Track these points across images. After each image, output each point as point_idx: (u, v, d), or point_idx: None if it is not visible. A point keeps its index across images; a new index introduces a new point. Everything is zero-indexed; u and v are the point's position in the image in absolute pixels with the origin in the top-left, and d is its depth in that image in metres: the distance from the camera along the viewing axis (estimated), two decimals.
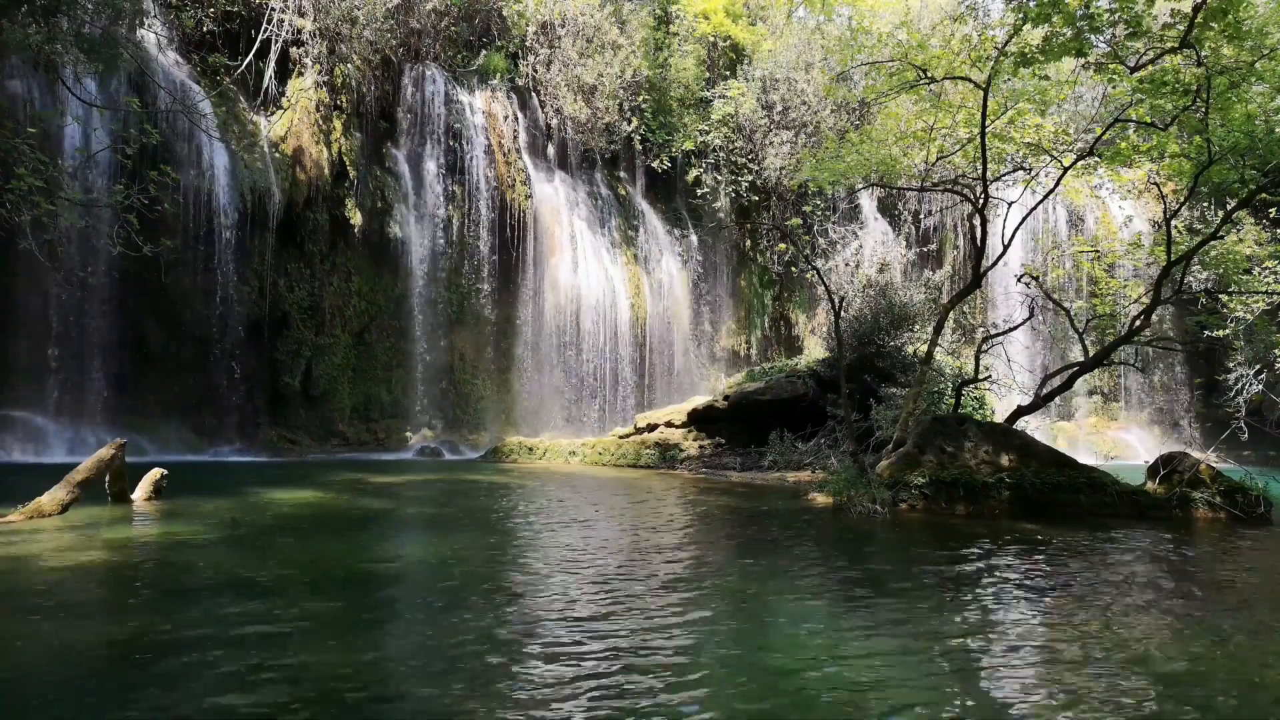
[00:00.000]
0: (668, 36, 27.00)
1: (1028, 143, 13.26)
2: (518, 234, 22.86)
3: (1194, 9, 9.74)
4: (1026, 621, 4.92)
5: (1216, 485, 9.74)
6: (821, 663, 4.00)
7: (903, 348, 17.22)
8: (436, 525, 8.79)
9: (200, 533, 7.34)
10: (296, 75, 20.18)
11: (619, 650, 4.10)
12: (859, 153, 14.51)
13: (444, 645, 4.17)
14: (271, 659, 3.88)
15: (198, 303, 17.84)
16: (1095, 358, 12.52)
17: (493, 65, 23.65)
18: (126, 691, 3.47)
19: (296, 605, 4.92)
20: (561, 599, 5.21)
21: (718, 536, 8.28)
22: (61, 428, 16.21)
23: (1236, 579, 6.44)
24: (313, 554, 6.67)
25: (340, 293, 20.45)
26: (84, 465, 8.35)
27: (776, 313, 28.12)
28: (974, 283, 13.43)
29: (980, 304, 27.16)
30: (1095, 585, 5.89)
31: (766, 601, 5.28)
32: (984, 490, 9.78)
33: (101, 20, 15.09)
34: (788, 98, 26.03)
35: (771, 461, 15.43)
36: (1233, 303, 16.81)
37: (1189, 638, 4.58)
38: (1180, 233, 16.18)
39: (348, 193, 20.60)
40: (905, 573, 6.35)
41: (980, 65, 11.72)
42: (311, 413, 20.00)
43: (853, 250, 21.01)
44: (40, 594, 5.06)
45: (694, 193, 26.83)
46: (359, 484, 12.10)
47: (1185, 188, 12.22)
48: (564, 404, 23.09)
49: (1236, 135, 10.28)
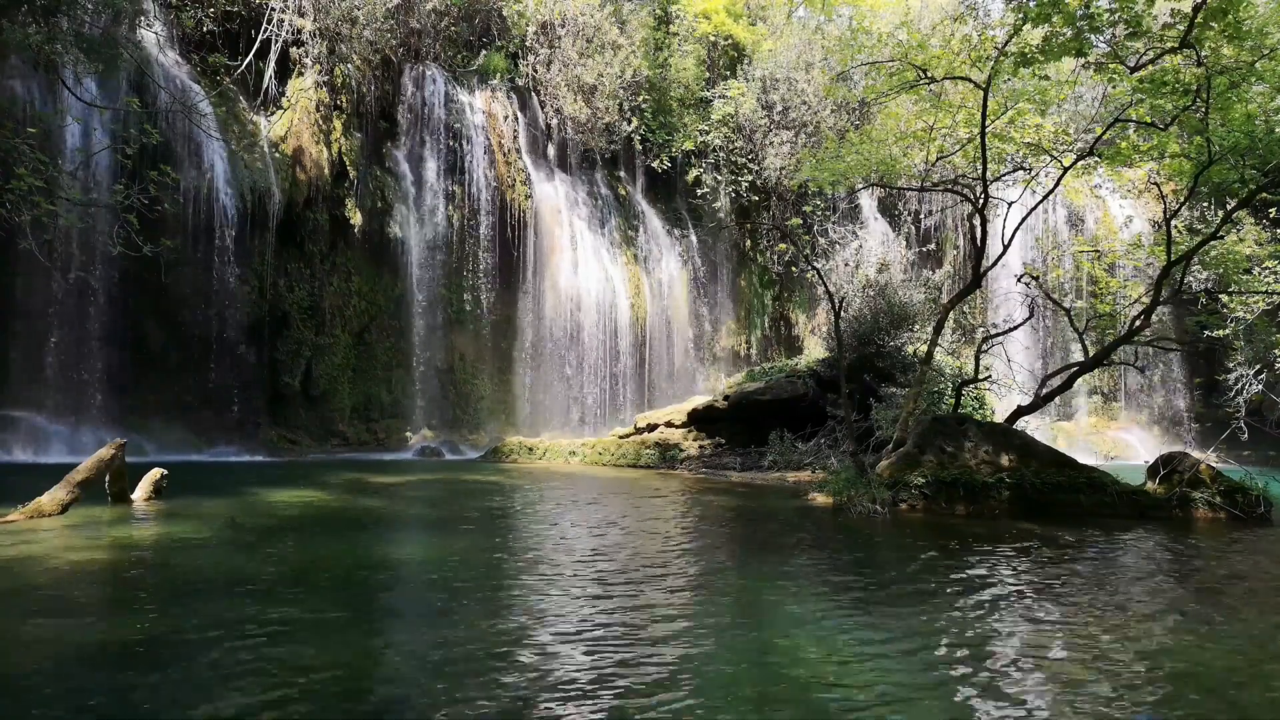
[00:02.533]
0: (668, 36, 26.99)
1: (1028, 143, 13.25)
2: (518, 234, 22.85)
3: (1194, 9, 9.74)
4: (1027, 622, 4.92)
5: (1216, 485, 9.74)
6: (821, 664, 4.00)
7: (903, 348, 17.21)
8: (436, 525, 8.79)
9: (200, 533, 7.34)
10: (296, 75, 20.18)
11: (618, 650, 4.10)
12: (859, 153, 14.50)
13: (444, 645, 4.17)
14: (272, 659, 3.88)
15: (198, 303, 17.83)
16: (1095, 358, 12.52)
17: (493, 65, 23.65)
18: (126, 691, 3.46)
19: (296, 605, 4.91)
20: (561, 598, 5.21)
21: (718, 536, 8.28)
22: (61, 428, 16.20)
23: (1238, 579, 6.43)
24: (313, 554, 6.66)
25: (340, 293, 20.44)
26: (84, 465, 8.35)
27: (776, 313, 28.11)
28: (974, 283, 13.43)
29: (980, 304, 27.15)
30: (1096, 585, 5.89)
31: (766, 602, 5.28)
32: (984, 490, 9.78)
33: (101, 20, 15.09)
34: (788, 98, 26.02)
35: (771, 461, 15.43)
36: (1233, 303, 16.80)
37: (1192, 638, 4.58)
38: (1180, 233, 16.17)
39: (348, 193, 20.59)
40: (905, 573, 6.35)
41: (980, 65, 11.72)
42: (311, 413, 20.00)
43: (853, 250, 20.97)
44: (40, 594, 5.06)
45: (694, 193, 26.82)
46: (359, 484, 12.10)
47: (1185, 188, 12.22)
48: (564, 404, 23.09)
49: (1236, 135, 10.28)
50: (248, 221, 18.39)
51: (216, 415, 18.27)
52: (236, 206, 18.14)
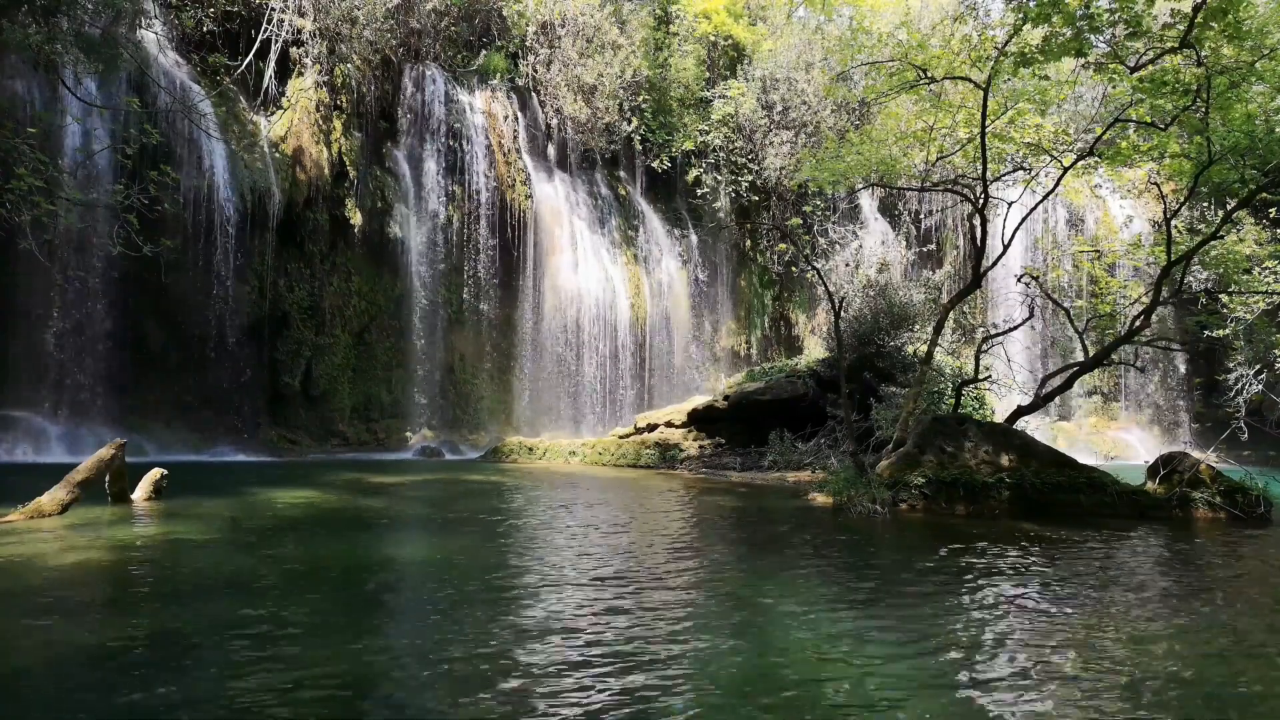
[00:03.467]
0: (668, 36, 27.00)
1: (1028, 143, 13.26)
2: (518, 234, 22.86)
3: (1194, 9, 9.74)
4: (1027, 622, 4.92)
5: (1216, 485, 9.74)
6: (821, 663, 4.00)
7: (903, 348, 17.22)
8: (436, 525, 8.79)
9: (200, 533, 7.34)
10: (296, 75, 20.18)
11: (618, 650, 4.10)
12: (859, 153, 14.51)
13: (444, 645, 4.17)
14: (272, 659, 3.88)
15: (198, 303, 17.83)
16: (1095, 358, 12.52)
17: (493, 65, 23.65)
18: (126, 692, 3.46)
19: (297, 605, 4.91)
20: (561, 599, 5.21)
21: (717, 536, 8.28)
22: (61, 428, 16.21)
23: (1238, 579, 6.43)
24: (313, 554, 6.66)
25: (340, 293, 20.45)
26: (84, 465, 8.35)
27: (776, 313, 28.12)
28: (974, 283, 13.43)
29: (980, 304, 27.17)
30: (1096, 585, 5.89)
31: (766, 602, 5.28)
32: (984, 490, 9.78)
33: (101, 20, 15.09)
34: (788, 98, 26.03)
35: (771, 461, 15.43)
36: (1233, 303, 16.82)
37: (1193, 638, 4.58)
38: (1180, 233, 16.19)
39: (348, 193, 20.60)
40: (905, 573, 6.35)
41: (980, 65, 11.72)
42: (311, 413, 20.00)
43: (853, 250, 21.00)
44: (40, 594, 5.06)
45: (694, 193, 26.83)
46: (359, 484, 12.10)
47: (1185, 188, 12.22)
48: (564, 404, 23.10)
49: (1236, 135, 10.28)
50: (248, 221, 18.40)
51: (216, 415, 18.29)
52: (236, 206, 18.14)
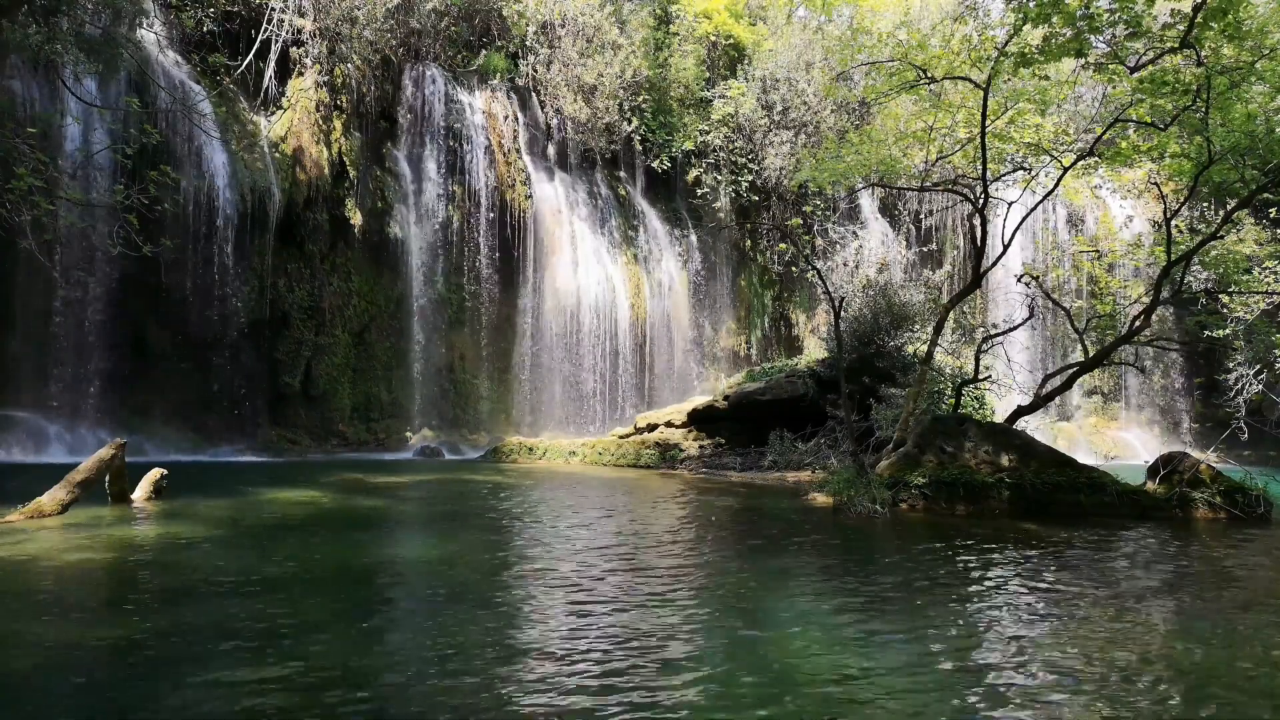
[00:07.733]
0: (668, 36, 26.98)
1: (1028, 143, 13.26)
2: (518, 234, 22.85)
3: (1194, 9, 9.74)
4: (1028, 622, 4.92)
5: (1216, 485, 9.74)
6: (821, 663, 4.00)
7: (903, 348, 17.21)
8: (436, 525, 8.79)
9: (200, 533, 7.34)
10: (296, 75, 20.18)
11: (617, 649, 4.10)
12: (859, 153, 14.51)
13: (444, 645, 4.17)
14: (272, 659, 3.88)
15: (198, 303, 17.82)
16: (1095, 358, 12.52)
17: (493, 65, 23.64)
18: (125, 692, 3.46)
19: (296, 605, 4.92)
20: (560, 599, 5.21)
21: (717, 536, 8.28)
22: (61, 428, 16.20)
23: (1239, 578, 6.43)
24: (313, 554, 6.66)
25: (340, 293, 20.44)
26: (84, 465, 8.35)
27: (776, 313, 28.11)
28: (974, 283, 13.43)
29: (980, 304, 27.16)
30: (1096, 585, 5.89)
31: (766, 602, 5.28)
32: (984, 490, 9.78)
33: (101, 20, 15.09)
34: (788, 98, 26.02)
35: (771, 461, 15.43)
36: (1233, 303, 16.81)
37: (1194, 637, 4.58)
38: (1180, 233, 16.17)
39: (348, 193, 20.59)
40: (905, 573, 6.35)
41: (980, 65, 11.72)
42: (311, 413, 20.00)
43: (853, 250, 21.01)
44: (40, 594, 5.06)
45: (694, 193, 26.82)
46: (359, 484, 12.10)
47: (1185, 188, 12.23)
48: (564, 404, 23.09)
49: (1236, 135, 10.28)
50: (248, 221, 18.39)
51: (217, 415, 18.28)
52: (236, 206, 18.13)
